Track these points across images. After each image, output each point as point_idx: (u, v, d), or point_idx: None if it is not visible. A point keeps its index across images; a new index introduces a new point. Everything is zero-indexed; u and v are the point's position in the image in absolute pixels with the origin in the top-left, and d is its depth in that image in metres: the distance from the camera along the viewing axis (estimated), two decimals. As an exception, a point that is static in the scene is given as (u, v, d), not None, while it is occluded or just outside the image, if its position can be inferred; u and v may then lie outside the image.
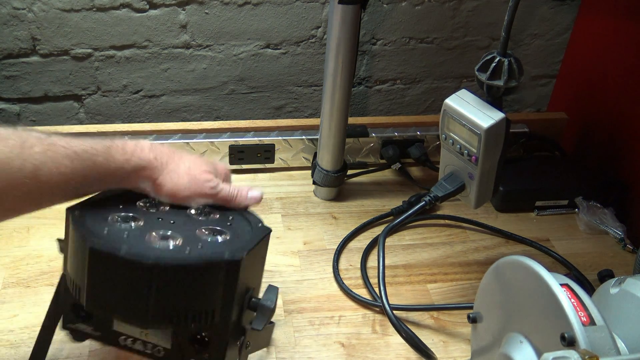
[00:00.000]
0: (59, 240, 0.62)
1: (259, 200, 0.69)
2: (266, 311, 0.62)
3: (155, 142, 0.65)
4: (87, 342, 0.74)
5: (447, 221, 0.98)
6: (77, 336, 0.64)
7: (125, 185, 0.63)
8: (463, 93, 0.76)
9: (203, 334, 0.60)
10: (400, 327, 0.73)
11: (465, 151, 0.76)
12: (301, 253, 0.90)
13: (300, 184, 1.04)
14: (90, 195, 0.62)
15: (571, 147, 1.15)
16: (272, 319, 0.79)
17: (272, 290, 0.64)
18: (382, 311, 0.79)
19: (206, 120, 1.12)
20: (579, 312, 0.51)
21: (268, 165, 1.05)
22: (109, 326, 0.62)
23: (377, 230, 0.95)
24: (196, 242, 0.58)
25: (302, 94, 1.15)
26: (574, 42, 1.16)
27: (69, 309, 0.63)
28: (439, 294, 0.86)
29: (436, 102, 1.21)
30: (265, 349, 0.76)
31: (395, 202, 1.00)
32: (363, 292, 0.84)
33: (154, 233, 0.58)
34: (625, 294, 0.62)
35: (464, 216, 0.98)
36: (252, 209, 0.70)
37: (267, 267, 0.87)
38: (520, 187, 1.01)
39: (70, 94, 1.09)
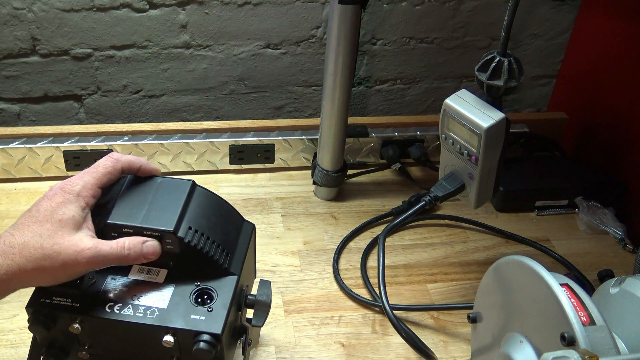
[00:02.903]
0: None
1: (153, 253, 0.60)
2: (264, 306, 0.63)
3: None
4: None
5: (447, 221, 0.98)
6: (43, 323, 0.58)
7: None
8: (463, 93, 0.76)
9: (210, 289, 0.60)
10: (400, 327, 0.73)
11: (465, 151, 0.76)
12: (301, 253, 0.90)
13: (300, 184, 1.04)
14: None
15: (571, 147, 1.15)
16: (272, 319, 0.79)
17: (266, 284, 0.64)
18: (382, 311, 0.79)
19: (206, 120, 1.12)
20: (579, 312, 0.51)
21: (268, 165, 1.05)
22: (95, 291, 0.59)
23: (377, 230, 0.95)
24: None
25: (302, 94, 1.15)
26: (574, 42, 1.16)
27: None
28: (439, 294, 0.86)
29: (436, 102, 1.21)
30: (265, 349, 0.76)
31: (395, 202, 1.00)
32: (363, 292, 0.84)
33: None
34: (625, 294, 0.62)
35: (464, 216, 0.98)
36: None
37: (267, 267, 0.87)
38: (520, 187, 1.01)
39: (70, 94, 1.09)
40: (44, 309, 0.58)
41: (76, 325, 0.58)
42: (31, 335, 0.75)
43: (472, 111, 0.73)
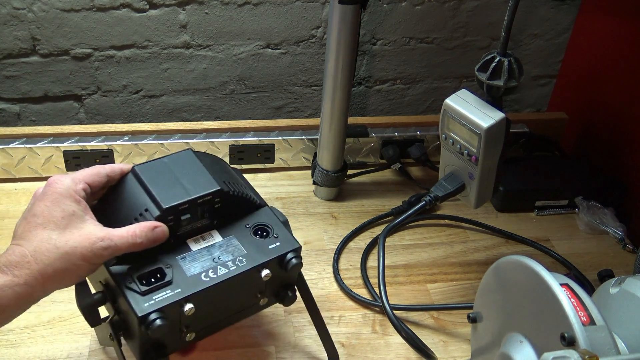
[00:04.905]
0: None
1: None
2: (287, 224, 0.69)
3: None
4: (88, 343, 0.74)
5: (447, 221, 0.98)
6: (161, 320, 0.58)
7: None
8: (463, 93, 0.76)
9: (262, 223, 0.67)
10: (400, 327, 0.73)
11: (465, 151, 0.76)
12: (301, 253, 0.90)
13: (300, 184, 1.04)
14: None
15: (571, 147, 1.15)
16: (272, 319, 0.79)
17: (274, 210, 0.70)
18: (382, 311, 0.80)
19: (206, 120, 1.12)
20: (579, 312, 0.51)
21: (268, 165, 1.05)
22: (180, 272, 0.61)
23: (377, 230, 0.95)
24: None
25: (302, 94, 1.15)
26: (574, 42, 1.16)
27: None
28: (439, 294, 0.86)
29: (436, 102, 1.21)
30: (265, 349, 0.76)
31: (395, 202, 1.00)
32: (363, 292, 0.84)
33: None
34: (625, 294, 0.62)
35: (464, 216, 0.98)
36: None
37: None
38: (520, 187, 1.01)
39: (70, 94, 1.09)
40: (154, 309, 0.58)
41: (189, 306, 0.59)
42: (31, 335, 0.75)
43: (472, 111, 0.73)
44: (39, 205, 0.57)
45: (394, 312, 0.74)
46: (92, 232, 0.56)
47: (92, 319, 0.61)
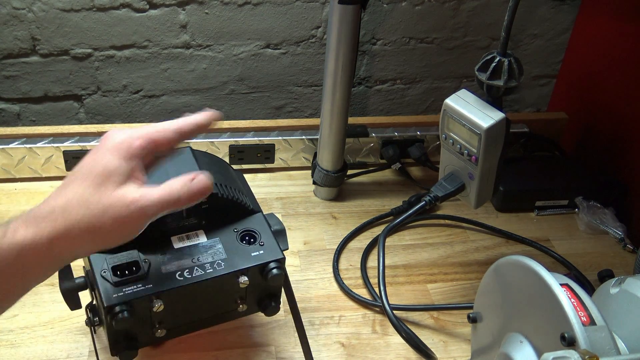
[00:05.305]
0: None
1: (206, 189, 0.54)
2: (282, 232, 0.69)
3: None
4: (88, 343, 0.74)
5: (447, 221, 0.98)
6: (127, 313, 0.58)
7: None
8: (463, 93, 0.76)
9: (250, 229, 0.67)
10: (400, 327, 0.73)
11: (465, 151, 0.76)
12: (301, 253, 0.90)
13: (300, 184, 1.04)
14: None
15: (571, 147, 1.15)
16: (272, 319, 0.79)
17: (272, 216, 0.70)
18: (382, 311, 0.80)
19: (206, 120, 1.12)
20: (579, 312, 0.51)
21: (268, 165, 1.05)
22: (156, 269, 0.61)
23: (377, 230, 0.95)
24: None
25: (302, 94, 1.15)
26: (574, 42, 1.16)
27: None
28: (439, 294, 0.86)
29: (436, 102, 1.21)
30: (265, 349, 0.76)
31: (395, 202, 1.00)
32: (363, 292, 0.84)
33: None
34: (625, 294, 0.62)
35: (464, 216, 0.98)
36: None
37: (267, 267, 0.87)
38: (520, 187, 1.01)
39: (70, 94, 1.09)
40: (121, 301, 0.58)
41: (158, 304, 0.59)
42: (31, 335, 0.75)
43: (472, 111, 0.73)
44: (87, 158, 0.53)
45: (394, 312, 0.74)
46: (127, 193, 0.51)
47: (72, 302, 0.62)
